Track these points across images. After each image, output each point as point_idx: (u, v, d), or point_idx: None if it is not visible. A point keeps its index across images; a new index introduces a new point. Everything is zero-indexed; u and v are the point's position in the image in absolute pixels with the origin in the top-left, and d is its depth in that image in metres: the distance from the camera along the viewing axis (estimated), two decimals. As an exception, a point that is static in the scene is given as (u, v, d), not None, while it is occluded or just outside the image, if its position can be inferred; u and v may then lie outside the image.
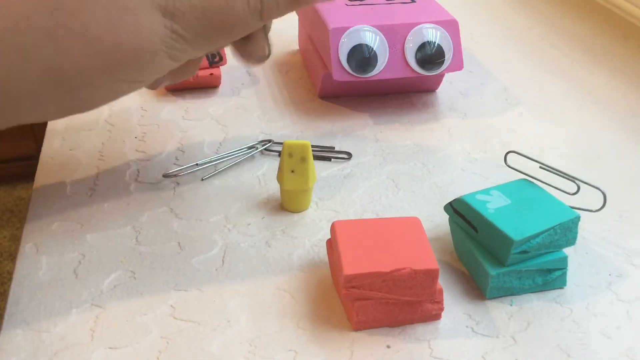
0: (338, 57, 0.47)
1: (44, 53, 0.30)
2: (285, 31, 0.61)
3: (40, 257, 0.36)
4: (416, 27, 0.48)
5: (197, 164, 0.43)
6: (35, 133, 1.63)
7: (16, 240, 1.55)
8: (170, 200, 0.41)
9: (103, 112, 0.49)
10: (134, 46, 0.31)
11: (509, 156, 0.41)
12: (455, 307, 0.34)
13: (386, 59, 0.48)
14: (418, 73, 0.48)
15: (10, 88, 0.31)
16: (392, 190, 0.42)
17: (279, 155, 0.41)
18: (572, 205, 0.36)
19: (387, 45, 0.48)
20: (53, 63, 0.31)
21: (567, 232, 0.34)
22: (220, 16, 0.33)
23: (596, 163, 0.45)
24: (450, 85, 0.55)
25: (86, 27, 0.31)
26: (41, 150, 0.45)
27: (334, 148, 0.46)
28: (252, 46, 0.37)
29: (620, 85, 0.55)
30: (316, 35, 0.51)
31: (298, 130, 0.48)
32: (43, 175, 0.43)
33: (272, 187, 0.42)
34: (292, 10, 0.35)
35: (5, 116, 0.32)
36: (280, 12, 0.34)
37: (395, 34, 0.48)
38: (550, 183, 0.38)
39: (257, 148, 0.45)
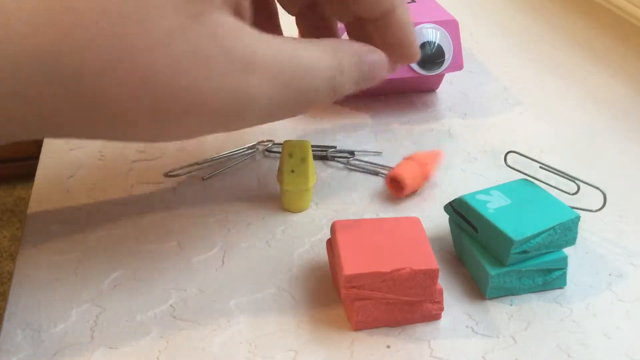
0: (338, 57, 0.47)
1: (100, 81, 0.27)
2: (285, 32, 0.61)
3: (40, 257, 0.36)
4: (416, 27, 0.48)
5: (197, 164, 0.43)
6: (35, 133, 1.63)
7: (16, 240, 1.55)
8: (170, 200, 0.41)
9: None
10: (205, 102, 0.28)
11: (509, 156, 0.41)
12: (455, 307, 0.34)
13: (386, 59, 0.48)
14: (418, 73, 0.48)
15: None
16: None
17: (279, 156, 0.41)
18: (572, 205, 0.36)
19: (387, 45, 0.48)
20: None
21: (567, 232, 0.34)
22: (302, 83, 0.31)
23: (596, 163, 0.45)
24: (450, 85, 0.55)
25: (153, 70, 0.27)
26: (41, 150, 0.45)
27: (335, 147, 0.46)
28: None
29: (620, 85, 0.55)
30: (316, 35, 0.51)
31: (298, 130, 0.48)
32: (43, 175, 0.43)
33: (272, 187, 0.42)
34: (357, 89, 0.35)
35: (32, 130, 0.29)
36: (350, 90, 0.34)
37: (395, 34, 0.48)
38: (550, 183, 0.38)
39: (258, 149, 0.45)
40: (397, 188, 0.41)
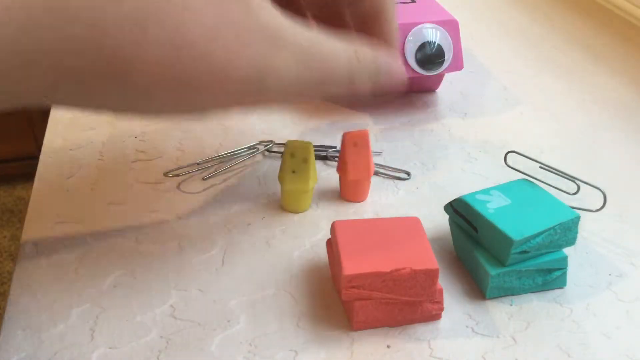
0: (338, 57, 0.47)
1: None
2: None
3: (40, 257, 0.36)
4: (416, 27, 0.48)
5: (197, 164, 0.43)
6: (35, 133, 1.63)
7: (16, 240, 1.55)
8: (170, 200, 0.41)
9: (103, 112, 0.49)
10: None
11: (509, 156, 0.41)
12: (455, 307, 0.34)
13: (386, 59, 0.48)
14: (418, 73, 0.48)
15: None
16: (392, 190, 0.42)
17: (281, 156, 0.41)
18: (572, 205, 0.36)
19: (387, 45, 0.48)
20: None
21: (567, 232, 0.34)
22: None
23: (596, 163, 0.45)
24: (450, 85, 0.55)
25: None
26: (41, 150, 0.45)
27: (335, 147, 0.46)
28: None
29: (620, 85, 0.55)
30: (316, 35, 0.51)
31: (298, 130, 0.48)
32: (43, 175, 0.43)
33: (272, 188, 0.42)
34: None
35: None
36: (367, 85, 0.34)
37: (395, 34, 0.48)
38: (550, 183, 0.38)
39: (258, 149, 0.45)
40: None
